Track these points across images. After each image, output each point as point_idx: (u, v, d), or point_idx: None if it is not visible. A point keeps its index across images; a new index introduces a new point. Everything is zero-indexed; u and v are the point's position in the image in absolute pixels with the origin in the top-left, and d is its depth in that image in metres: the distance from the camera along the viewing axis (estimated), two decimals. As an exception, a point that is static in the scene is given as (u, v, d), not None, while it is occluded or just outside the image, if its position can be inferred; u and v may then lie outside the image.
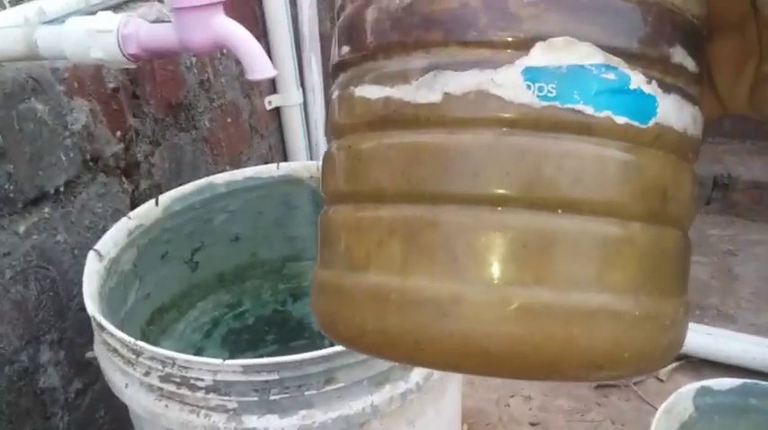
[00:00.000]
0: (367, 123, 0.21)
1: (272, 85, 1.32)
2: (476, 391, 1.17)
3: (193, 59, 1.03)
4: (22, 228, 0.73)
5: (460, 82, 0.19)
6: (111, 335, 0.58)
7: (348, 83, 0.21)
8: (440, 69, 0.19)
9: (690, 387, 0.84)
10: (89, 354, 0.68)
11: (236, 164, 1.19)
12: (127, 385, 0.60)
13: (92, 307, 0.61)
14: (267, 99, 1.29)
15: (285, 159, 1.40)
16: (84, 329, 0.82)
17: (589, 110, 0.18)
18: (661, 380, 1.18)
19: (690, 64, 0.20)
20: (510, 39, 0.18)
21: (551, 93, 0.18)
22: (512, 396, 1.16)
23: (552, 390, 1.17)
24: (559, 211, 0.18)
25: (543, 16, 0.18)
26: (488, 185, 0.18)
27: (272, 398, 0.56)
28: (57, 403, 0.80)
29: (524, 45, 0.18)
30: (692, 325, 1.24)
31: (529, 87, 0.18)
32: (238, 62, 1.16)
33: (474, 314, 0.18)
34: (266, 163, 1.29)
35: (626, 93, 0.18)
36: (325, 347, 0.54)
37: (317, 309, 0.23)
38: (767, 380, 0.86)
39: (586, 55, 0.18)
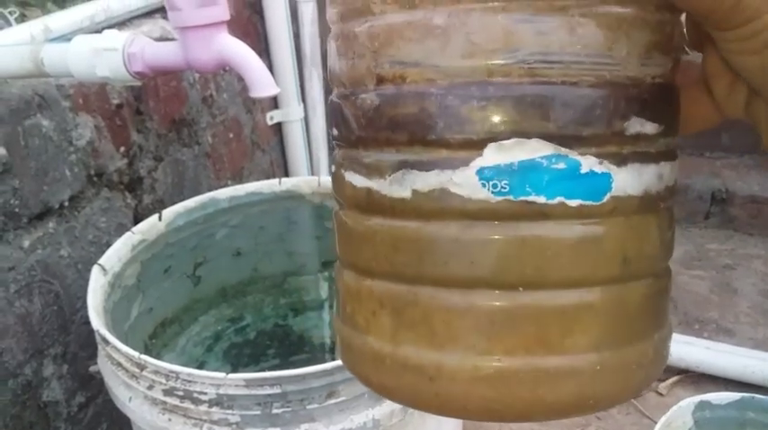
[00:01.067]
0: (356, 206, 0.23)
1: (274, 101, 1.33)
2: (476, 405, 1.17)
3: (196, 76, 1.05)
4: (26, 243, 0.73)
5: (425, 181, 0.21)
6: (116, 349, 0.59)
7: (340, 163, 0.24)
8: (407, 168, 0.21)
9: (689, 401, 0.85)
10: (92, 368, 0.68)
11: (238, 178, 1.20)
12: (130, 399, 0.60)
13: (96, 321, 0.62)
14: (269, 114, 1.31)
15: (286, 174, 1.41)
16: (88, 343, 0.82)
17: (541, 199, 0.20)
18: (661, 394, 1.19)
19: (650, 128, 0.21)
20: (464, 140, 0.20)
21: (504, 188, 0.20)
22: (512, 410, 1.16)
23: (552, 404, 1.17)
24: (521, 289, 0.20)
25: (493, 118, 0.20)
26: (457, 271, 0.21)
27: (274, 411, 0.56)
28: (60, 416, 0.80)
29: (478, 145, 0.20)
30: (691, 339, 1.25)
31: (484, 185, 0.20)
32: (240, 78, 1.17)
33: (453, 380, 0.21)
34: (268, 177, 1.30)
35: (577, 178, 0.20)
36: (326, 361, 0.55)
37: (340, 354, 0.26)
38: (766, 394, 0.87)
39: (535, 149, 0.20)
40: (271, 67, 1.27)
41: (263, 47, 1.26)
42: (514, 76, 0.20)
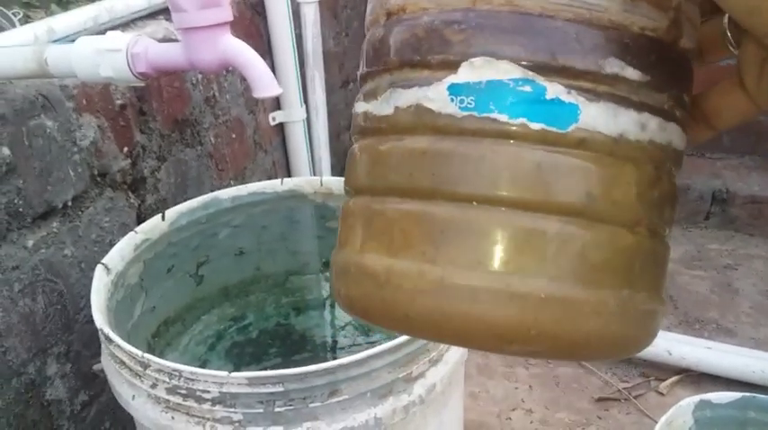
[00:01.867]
0: (356, 132, 0.26)
1: (277, 102, 1.33)
2: (477, 405, 1.17)
3: (199, 76, 1.05)
4: (30, 243, 0.74)
5: (406, 97, 0.23)
6: (119, 347, 0.59)
7: (354, 102, 0.26)
8: (394, 87, 0.23)
9: (690, 400, 0.85)
10: (96, 367, 0.69)
11: (241, 179, 1.21)
12: (134, 397, 0.61)
13: (100, 320, 0.62)
14: (271, 115, 1.31)
15: (288, 174, 1.41)
16: (91, 342, 0.83)
17: (503, 117, 0.21)
18: (661, 394, 1.19)
19: (631, 73, 0.21)
20: (442, 60, 0.22)
21: (471, 104, 0.21)
22: (513, 409, 1.17)
23: (553, 404, 1.18)
24: (474, 204, 0.21)
25: (471, 40, 0.21)
26: (419, 182, 0.22)
27: (276, 410, 0.57)
28: (63, 415, 0.81)
29: (454, 65, 0.21)
30: (691, 339, 1.25)
31: (452, 101, 0.21)
32: (243, 79, 1.17)
33: (398, 287, 0.22)
34: (270, 178, 1.31)
35: (541, 102, 0.21)
36: (328, 360, 0.56)
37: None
38: (767, 393, 0.87)
39: (504, 71, 0.21)
40: (273, 69, 1.28)
41: (265, 48, 1.27)
42: (495, 5, 0.21)
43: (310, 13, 1.33)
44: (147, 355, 0.57)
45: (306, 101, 1.37)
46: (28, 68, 0.68)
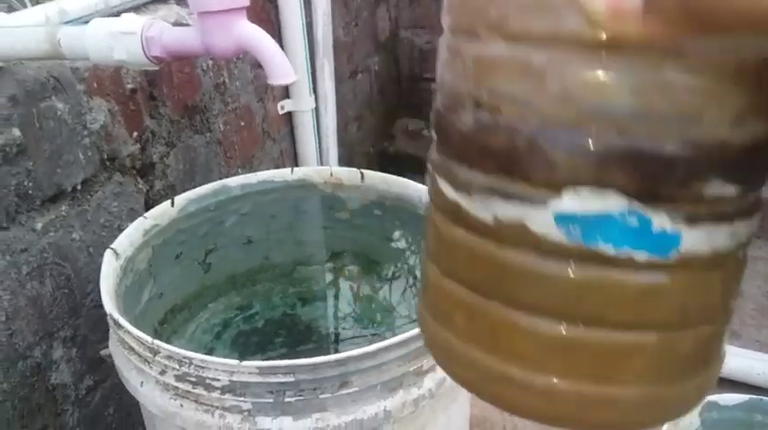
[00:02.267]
0: (444, 212, 0.25)
1: (286, 91, 1.32)
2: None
3: (210, 63, 1.04)
4: (39, 225, 0.73)
5: (506, 210, 0.22)
6: (128, 333, 0.59)
7: (436, 165, 0.26)
8: (492, 193, 0.23)
9: (696, 401, 0.84)
10: (104, 352, 0.68)
11: (248, 166, 1.20)
12: (142, 383, 0.60)
13: (109, 305, 0.62)
14: (280, 104, 1.30)
15: (296, 163, 1.40)
16: (98, 326, 0.82)
17: (610, 249, 0.21)
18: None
19: (730, 190, 0.21)
20: (546, 180, 0.21)
21: (577, 234, 0.21)
22: (516, 405, 1.16)
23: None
24: (580, 324, 0.22)
25: (575, 164, 0.20)
26: (525, 298, 0.23)
27: (286, 400, 0.56)
28: (68, 399, 0.80)
29: (558, 187, 0.21)
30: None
31: (558, 228, 0.21)
32: (253, 67, 1.17)
33: (509, 386, 0.24)
34: (277, 166, 1.30)
35: (647, 234, 0.21)
36: (332, 351, 0.55)
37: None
38: (772, 395, 0.87)
39: (610, 201, 0.20)
40: (283, 56, 1.27)
41: (275, 37, 1.26)
42: (602, 128, 0.20)
43: (322, 2, 1.32)
44: (156, 342, 0.57)
45: (315, 90, 1.36)
46: (41, 49, 0.67)
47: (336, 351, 1.03)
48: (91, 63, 0.78)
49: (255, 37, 0.62)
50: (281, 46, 1.26)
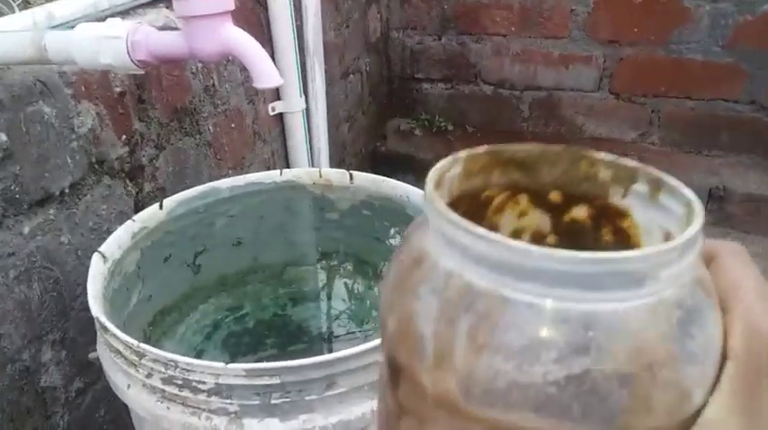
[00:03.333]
0: None
1: (276, 92, 1.33)
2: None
3: (199, 65, 1.05)
4: (26, 229, 0.73)
5: None
6: (115, 336, 0.59)
7: None
8: None
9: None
10: (92, 355, 0.69)
11: (239, 168, 1.20)
12: (129, 386, 0.61)
13: (95, 308, 0.62)
14: (270, 105, 1.31)
15: (287, 165, 1.41)
16: (86, 329, 0.82)
17: None
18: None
19: None
20: None
21: None
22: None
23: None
24: None
25: None
26: None
27: (273, 402, 0.56)
28: (57, 402, 0.80)
29: None
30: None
31: None
32: (243, 69, 1.17)
33: None
34: (268, 168, 1.30)
35: None
36: (323, 352, 0.55)
37: None
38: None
39: None
40: (273, 59, 1.27)
41: (265, 38, 1.26)
42: None
43: (312, 3, 1.32)
44: (142, 345, 0.57)
45: (305, 91, 1.36)
46: (26, 54, 0.67)
47: (330, 350, 1.03)
48: (78, 67, 0.79)
49: (240, 41, 0.62)
50: (271, 47, 1.26)
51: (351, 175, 0.89)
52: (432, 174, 0.23)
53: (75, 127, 0.79)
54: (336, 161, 1.66)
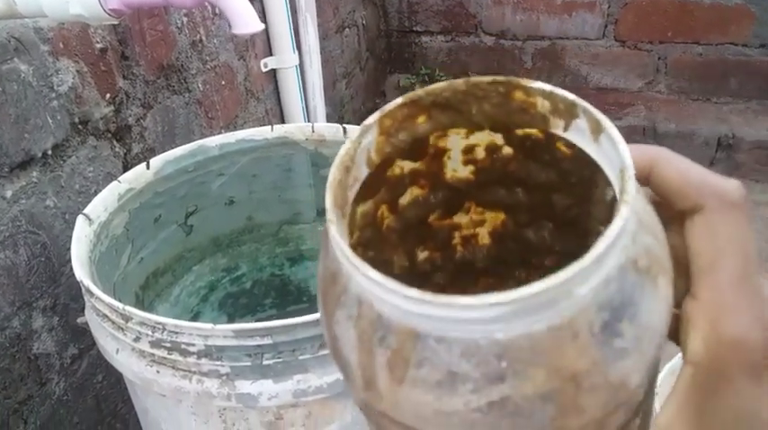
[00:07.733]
0: None
1: (268, 48, 1.29)
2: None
3: (184, 19, 1.00)
4: (9, 193, 0.71)
5: None
6: (100, 300, 0.57)
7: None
8: None
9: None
10: (80, 320, 0.67)
11: (232, 127, 1.17)
12: (118, 351, 0.59)
13: (80, 271, 0.60)
14: (263, 61, 1.27)
15: (282, 122, 1.37)
16: (79, 295, 0.81)
17: None
18: (663, 342, 1.18)
19: None
20: None
21: None
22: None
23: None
24: None
25: None
26: None
27: (265, 362, 0.54)
28: (52, 368, 0.79)
29: None
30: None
31: None
32: (231, 22, 1.13)
33: None
34: (263, 126, 1.27)
35: None
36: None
37: None
38: None
39: None
40: (262, 11, 1.23)
41: (254, -11, 1.21)
42: None
43: (301, -47, 1.28)
44: (128, 308, 0.55)
45: (299, 47, 1.32)
46: (-4, 8, 0.64)
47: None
48: (54, 22, 0.75)
49: (217, -16, 0.58)
50: (261, 1, 1.22)
51: (344, 129, 0.85)
52: (330, 180, 0.21)
53: (54, 85, 0.76)
54: (335, 120, 1.62)
